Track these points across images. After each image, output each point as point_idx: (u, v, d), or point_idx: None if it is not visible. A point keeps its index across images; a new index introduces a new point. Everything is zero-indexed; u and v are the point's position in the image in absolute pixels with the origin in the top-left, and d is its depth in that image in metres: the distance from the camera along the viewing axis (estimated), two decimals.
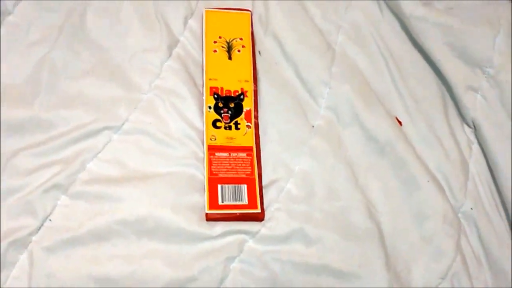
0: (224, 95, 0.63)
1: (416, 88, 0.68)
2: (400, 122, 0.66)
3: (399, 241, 0.59)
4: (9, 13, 0.64)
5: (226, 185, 0.58)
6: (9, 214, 0.53)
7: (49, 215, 0.54)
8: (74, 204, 0.55)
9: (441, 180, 0.63)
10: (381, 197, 0.61)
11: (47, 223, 0.54)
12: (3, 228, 0.53)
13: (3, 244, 0.52)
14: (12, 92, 0.59)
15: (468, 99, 0.66)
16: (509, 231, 0.62)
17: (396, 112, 0.67)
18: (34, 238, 0.53)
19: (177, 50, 0.65)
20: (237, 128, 0.61)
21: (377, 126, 0.64)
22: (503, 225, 0.62)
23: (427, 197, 0.61)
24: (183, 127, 0.61)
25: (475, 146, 0.66)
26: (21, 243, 0.53)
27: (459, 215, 0.62)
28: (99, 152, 0.58)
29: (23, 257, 0.52)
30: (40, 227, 0.54)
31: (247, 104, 0.63)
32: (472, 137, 0.67)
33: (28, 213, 0.54)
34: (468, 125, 0.68)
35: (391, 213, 0.61)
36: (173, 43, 0.65)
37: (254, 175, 0.59)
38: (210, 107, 0.62)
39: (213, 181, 0.58)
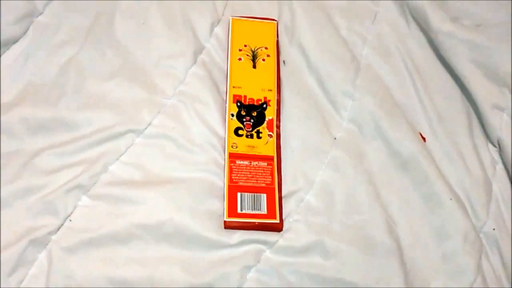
0: (247, 103, 0.63)
1: (441, 104, 0.67)
2: (424, 138, 0.65)
3: (419, 258, 0.58)
4: (40, 13, 0.65)
5: (246, 194, 0.58)
6: (30, 212, 0.54)
7: (69, 215, 0.55)
8: (94, 205, 0.55)
9: (463, 198, 0.62)
10: (402, 213, 0.60)
11: (67, 223, 0.54)
12: (24, 226, 0.53)
13: (23, 242, 0.52)
14: (38, 91, 0.60)
15: (494, 118, 0.66)
16: None
17: (420, 128, 0.66)
18: (53, 237, 0.54)
19: (202, 56, 0.66)
20: (258, 137, 0.61)
21: (400, 141, 0.63)
22: None
23: (448, 215, 0.60)
24: (205, 134, 0.61)
25: (499, 166, 0.65)
26: (41, 242, 0.53)
27: (481, 235, 0.61)
28: (122, 155, 0.59)
29: (42, 256, 0.53)
30: (60, 227, 0.54)
31: (270, 113, 0.63)
32: (496, 157, 0.66)
33: (49, 213, 0.54)
34: (493, 144, 0.67)
35: (411, 229, 0.60)
36: (199, 49, 0.66)
37: (274, 184, 0.59)
38: (232, 115, 0.62)
39: (233, 189, 0.58)
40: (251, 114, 0.62)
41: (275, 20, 0.69)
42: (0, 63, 0.60)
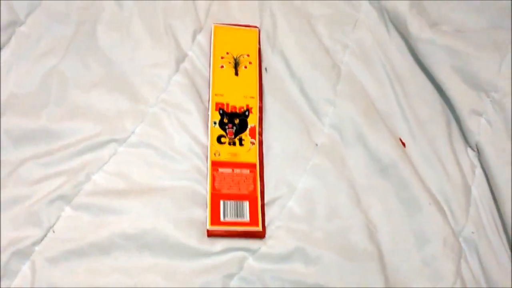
0: (229, 111, 0.63)
1: (421, 110, 0.68)
2: (403, 143, 0.66)
3: (399, 263, 0.59)
4: (21, 24, 0.65)
5: (229, 201, 0.58)
6: (13, 223, 0.54)
7: (52, 226, 0.55)
8: (77, 216, 0.56)
9: (442, 203, 0.63)
10: (382, 218, 0.61)
11: (50, 234, 0.55)
12: (8, 237, 0.53)
13: (6, 253, 0.52)
14: (21, 102, 0.60)
15: (472, 123, 0.66)
16: (510, 257, 0.62)
17: (400, 133, 0.67)
18: (37, 248, 0.54)
19: (184, 64, 0.66)
20: (241, 144, 0.62)
21: (381, 147, 0.64)
22: (504, 250, 0.62)
23: (428, 219, 0.61)
24: (187, 142, 0.61)
25: (478, 170, 0.66)
26: (24, 253, 0.53)
27: (460, 239, 0.62)
28: (105, 164, 0.59)
29: (26, 267, 0.53)
30: (43, 238, 0.54)
31: (252, 121, 0.63)
32: (475, 161, 0.67)
33: (32, 223, 0.55)
34: (472, 148, 0.68)
35: (392, 234, 0.61)
36: (181, 57, 0.66)
37: (257, 192, 0.60)
38: (215, 123, 0.62)
39: (216, 197, 0.58)
40: (234, 122, 0.63)
41: (257, 28, 0.69)
42: None
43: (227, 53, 0.67)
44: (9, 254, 0.53)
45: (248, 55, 0.67)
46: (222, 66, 0.66)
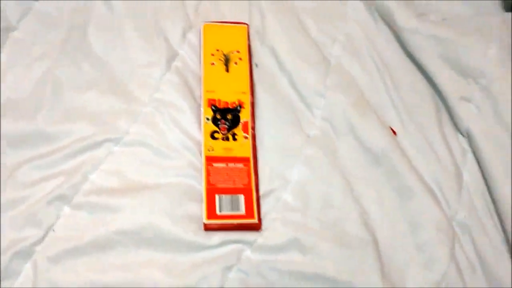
0: (221, 107, 0.64)
1: (410, 99, 0.69)
2: (394, 132, 0.67)
3: (394, 250, 0.60)
4: (14, 29, 0.66)
5: (224, 195, 0.59)
6: (13, 225, 0.55)
7: (52, 226, 0.56)
8: (76, 215, 0.57)
9: (435, 189, 0.64)
10: (376, 207, 0.62)
11: (50, 234, 0.56)
12: (8, 239, 0.54)
13: (8, 254, 0.53)
14: (16, 106, 0.61)
15: (461, 109, 0.67)
16: (503, 239, 0.63)
17: (391, 122, 0.68)
18: (38, 248, 0.55)
19: (175, 63, 0.67)
20: (234, 139, 0.63)
21: (372, 136, 0.65)
22: (497, 232, 0.63)
23: (421, 206, 0.62)
24: (181, 139, 0.62)
25: (469, 156, 0.67)
26: (26, 253, 0.54)
27: (453, 223, 0.63)
28: (101, 164, 0.60)
29: (27, 267, 0.54)
30: (44, 237, 0.55)
31: (244, 116, 0.64)
32: (466, 146, 0.68)
33: (32, 224, 0.55)
34: (462, 134, 0.68)
35: (386, 222, 0.61)
36: (172, 56, 0.67)
37: (251, 185, 0.61)
38: (208, 119, 0.63)
39: (211, 191, 0.59)
40: (226, 117, 0.64)
41: (246, 24, 0.70)
42: None
43: (217, 50, 0.68)
44: (10, 254, 0.54)
45: (238, 52, 0.68)
46: (213, 63, 0.67)
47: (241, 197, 0.60)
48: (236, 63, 0.67)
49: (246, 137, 0.63)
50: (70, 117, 0.61)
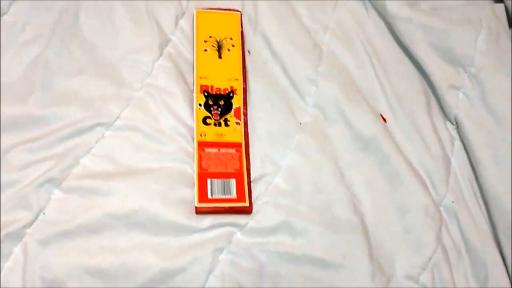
0: (214, 93, 0.65)
1: (400, 86, 0.70)
2: (384, 119, 0.68)
3: (382, 233, 0.61)
4: (5, 13, 0.65)
5: (215, 180, 0.60)
6: (3, 208, 0.55)
7: (43, 209, 0.56)
8: (67, 198, 0.57)
9: (423, 175, 0.65)
10: (365, 191, 0.63)
11: (41, 217, 0.56)
12: None
13: None
14: (7, 89, 0.61)
15: (450, 97, 0.69)
16: (489, 223, 0.64)
17: (381, 110, 0.68)
18: (28, 230, 0.55)
19: (168, 49, 0.67)
20: (226, 125, 0.63)
21: (362, 123, 0.66)
22: (482, 217, 0.64)
23: (409, 191, 0.63)
24: (173, 124, 0.62)
25: (457, 143, 0.68)
26: (16, 236, 0.54)
27: (441, 208, 0.64)
28: (92, 148, 0.60)
29: (18, 250, 0.54)
30: (34, 220, 0.55)
31: (237, 102, 0.65)
32: (454, 134, 0.69)
33: (23, 207, 0.55)
34: (450, 122, 0.70)
35: (375, 206, 0.62)
36: (164, 42, 0.67)
37: (243, 170, 0.61)
38: (200, 105, 0.64)
39: (203, 176, 0.60)
40: (219, 103, 0.64)
41: (239, 11, 0.71)
42: None
43: (210, 36, 0.68)
44: (0, 237, 0.53)
45: (231, 38, 0.68)
46: (205, 50, 0.67)
47: (233, 181, 0.60)
48: (228, 49, 0.67)
49: (238, 123, 0.64)
50: (61, 101, 0.61)
